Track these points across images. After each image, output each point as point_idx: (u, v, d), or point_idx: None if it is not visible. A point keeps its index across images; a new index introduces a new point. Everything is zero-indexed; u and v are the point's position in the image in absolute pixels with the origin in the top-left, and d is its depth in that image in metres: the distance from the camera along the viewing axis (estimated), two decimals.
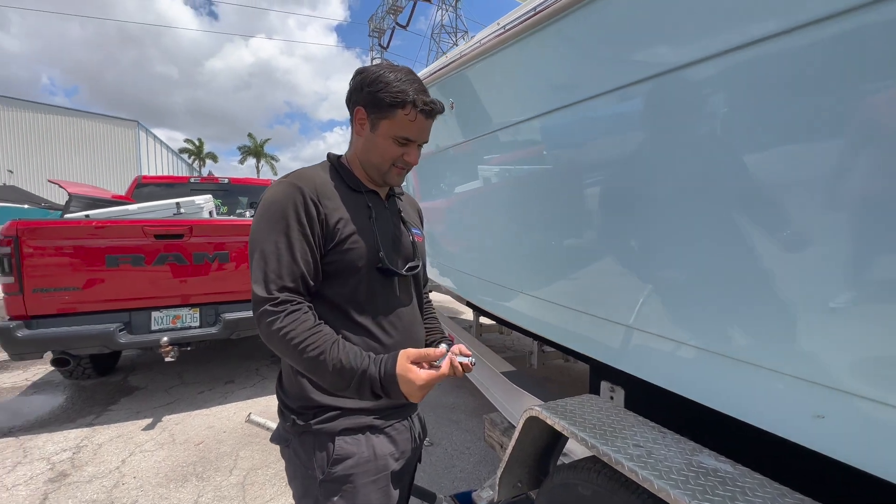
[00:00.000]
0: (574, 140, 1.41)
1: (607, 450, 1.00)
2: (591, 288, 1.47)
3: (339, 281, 0.92)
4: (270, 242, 0.85)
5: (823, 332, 0.80)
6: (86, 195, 3.39)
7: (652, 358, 1.24)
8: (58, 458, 2.43)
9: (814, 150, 0.79)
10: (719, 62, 0.92)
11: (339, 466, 0.90)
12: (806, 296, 0.82)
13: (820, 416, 0.78)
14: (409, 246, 1.05)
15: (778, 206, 0.86)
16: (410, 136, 0.93)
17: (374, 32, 35.57)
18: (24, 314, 2.67)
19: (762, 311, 0.90)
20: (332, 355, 0.82)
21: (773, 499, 0.81)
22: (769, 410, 0.90)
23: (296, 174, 0.93)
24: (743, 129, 0.90)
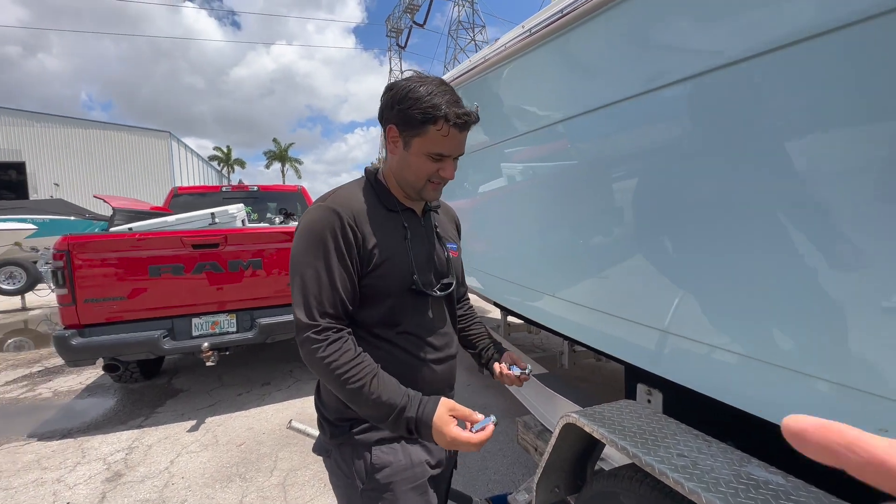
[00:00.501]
0: (603, 142, 1.39)
1: (650, 460, 0.98)
2: (624, 290, 1.44)
3: (373, 304, 0.93)
4: (311, 268, 0.86)
5: (881, 337, 0.76)
6: (128, 209, 3.57)
7: (689, 362, 1.21)
8: (112, 459, 2.58)
9: (855, 149, 0.75)
10: (751, 64, 0.88)
11: (377, 475, 0.92)
12: (859, 297, 0.78)
13: (884, 430, 0.74)
14: (443, 263, 1.05)
15: (822, 207, 0.82)
16: (444, 152, 0.91)
17: (391, 32, 35.77)
18: (78, 323, 2.84)
19: (811, 314, 0.86)
20: (371, 388, 0.83)
21: None
22: None
23: (333, 197, 0.93)
24: (779, 130, 0.87)
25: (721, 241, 1.04)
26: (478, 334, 1.25)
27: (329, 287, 0.86)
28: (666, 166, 1.19)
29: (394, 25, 34.80)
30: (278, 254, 3.26)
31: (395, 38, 35.78)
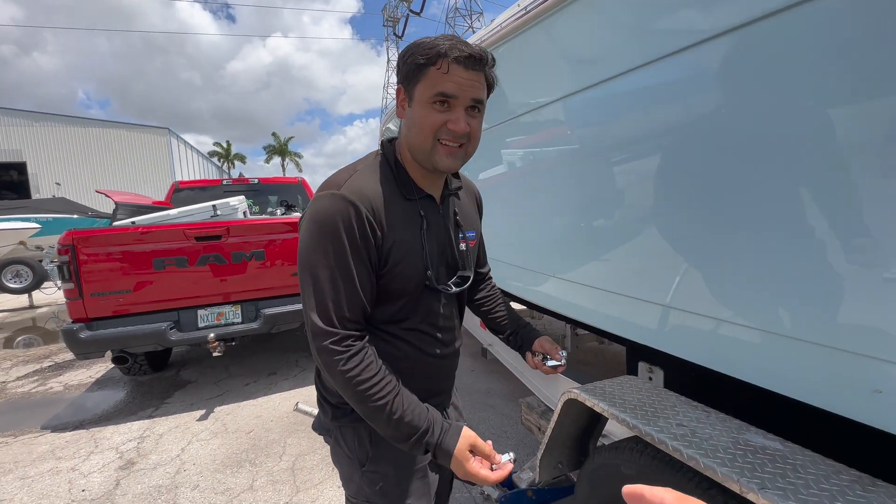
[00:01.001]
0: (601, 121, 1.38)
1: (650, 430, 1.00)
2: (624, 268, 1.45)
3: (385, 302, 0.88)
4: (325, 268, 0.78)
5: (879, 303, 0.77)
6: (130, 203, 3.59)
7: (691, 337, 1.22)
8: (125, 448, 2.63)
9: (842, 129, 0.75)
10: (766, 27, 0.88)
11: (380, 458, 0.92)
12: (858, 264, 0.79)
13: (878, 392, 0.76)
14: (456, 256, 0.97)
15: (817, 182, 0.82)
16: (446, 91, 0.77)
17: (388, 22, 35.37)
18: (85, 317, 2.88)
19: (810, 282, 0.87)
20: (394, 407, 0.79)
21: (827, 476, 0.79)
22: (822, 387, 0.88)
23: (349, 184, 0.81)
24: (782, 110, 0.86)
25: (720, 216, 1.04)
26: (503, 317, 1.20)
27: (348, 290, 0.79)
28: (662, 144, 1.19)
29: (390, 14, 34.40)
30: (281, 244, 3.28)
31: (391, 27, 35.39)
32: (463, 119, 0.80)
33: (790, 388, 0.94)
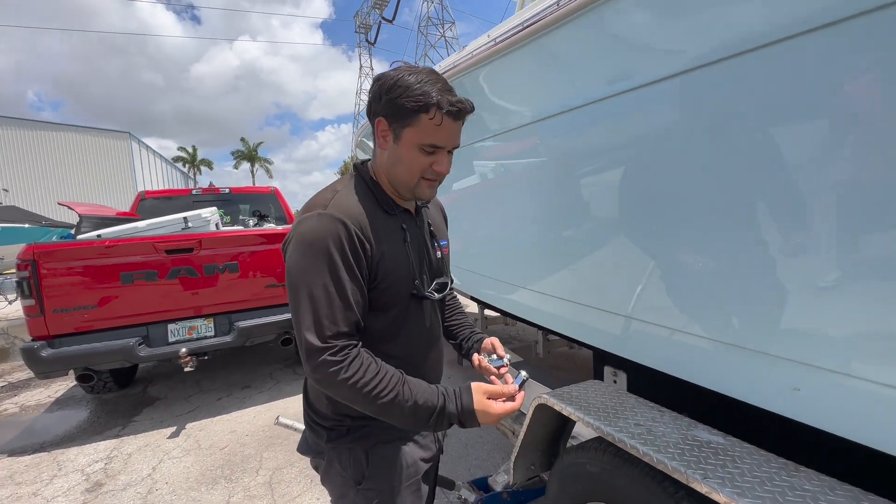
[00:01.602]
0: (567, 144, 1.50)
1: (610, 430, 1.10)
2: (590, 281, 1.57)
3: (377, 314, 0.90)
4: (318, 286, 0.80)
5: (796, 316, 0.90)
6: (95, 215, 3.47)
7: (649, 344, 1.34)
8: (91, 469, 2.55)
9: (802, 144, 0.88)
10: (698, 74, 1.01)
11: (376, 476, 0.95)
12: (779, 287, 0.92)
13: (797, 389, 0.88)
14: (435, 263, 1.03)
15: (757, 198, 0.95)
16: (438, 143, 0.84)
17: (360, 28, 35.32)
18: (47, 334, 2.77)
19: (746, 299, 1.00)
20: (405, 396, 0.81)
21: (760, 464, 0.92)
22: (753, 386, 1.00)
23: (334, 204, 0.85)
24: (730, 129, 0.99)
25: (677, 234, 1.16)
26: (459, 325, 1.25)
27: (342, 305, 0.80)
28: (627, 165, 1.30)
29: (362, 21, 34.37)
30: (254, 256, 3.26)
31: (363, 33, 35.35)
32: (448, 162, 0.89)
33: (730, 389, 1.06)
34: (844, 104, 0.78)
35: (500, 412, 0.87)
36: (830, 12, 0.75)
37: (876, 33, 0.71)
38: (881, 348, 0.78)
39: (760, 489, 0.83)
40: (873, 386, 0.79)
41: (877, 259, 0.77)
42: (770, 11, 0.85)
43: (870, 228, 0.77)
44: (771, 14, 0.85)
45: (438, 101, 0.81)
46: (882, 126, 0.73)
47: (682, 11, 1.03)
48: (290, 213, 5.10)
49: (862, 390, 0.80)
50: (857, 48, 0.74)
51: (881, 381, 0.77)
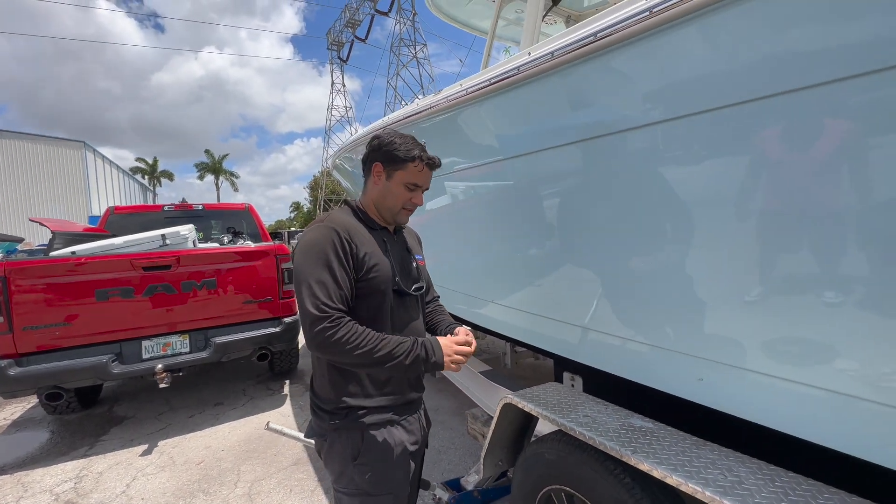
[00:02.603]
0: (524, 180, 1.74)
1: (563, 421, 1.32)
2: (549, 296, 1.80)
3: (367, 301, 1.17)
4: (316, 275, 1.07)
5: (699, 322, 1.16)
6: (68, 231, 3.44)
7: (598, 350, 1.58)
8: (60, 490, 2.51)
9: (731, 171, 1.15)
10: (637, 135, 1.28)
11: (369, 453, 1.17)
12: (687, 299, 1.18)
13: (701, 379, 1.13)
14: (414, 271, 1.34)
15: (697, 218, 1.16)
16: (419, 183, 1.23)
17: (332, 45, 35.57)
18: (14, 352, 2.73)
19: (663, 310, 1.25)
20: (385, 344, 1.07)
21: (676, 441, 1.16)
22: (670, 378, 1.26)
23: (329, 219, 1.18)
24: (658, 156, 1.26)
25: (621, 257, 1.40)
26: (440, 320, 1.46)
27: (334, 285, 1.07)
28: (572, 200, 1.56)
29: (335, 38, 34.65)
30: (231, 273, 3.33)
31: (336, 51, 35.60)
32: (421, 198, 1.27)
33: (655, 382, 1.31)
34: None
35: (458, 346, 1.19)
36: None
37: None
38: (767, 346, 1.04)
39: (675, 459, 1.07)
40: (760, 376, 1.04)
41: (760, 280, 1.04)
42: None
43: (755, 257, 1.04)
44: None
45: (421, 155, 1.21)
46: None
47: (619, 85, 1.30)
48: (264, 230, 5.15)
49: (752, 380, 1.05)
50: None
51: (766, 371, 1.03)
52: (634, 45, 1.14)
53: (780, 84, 0.88)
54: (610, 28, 1.16)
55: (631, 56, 1.16)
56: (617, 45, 1.16)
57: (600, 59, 1.24)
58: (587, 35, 1.22)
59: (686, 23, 1.01)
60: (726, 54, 0.98)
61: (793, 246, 0.95)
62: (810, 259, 0.92)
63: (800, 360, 0.96)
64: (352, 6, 30.77)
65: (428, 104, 2.03)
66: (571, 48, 1.28)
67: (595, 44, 1.20)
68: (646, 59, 1.14)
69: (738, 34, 0.94)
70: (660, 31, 1.06)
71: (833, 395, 0.90)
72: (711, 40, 1.00)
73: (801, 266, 0.94)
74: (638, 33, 1.10)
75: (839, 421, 0.91)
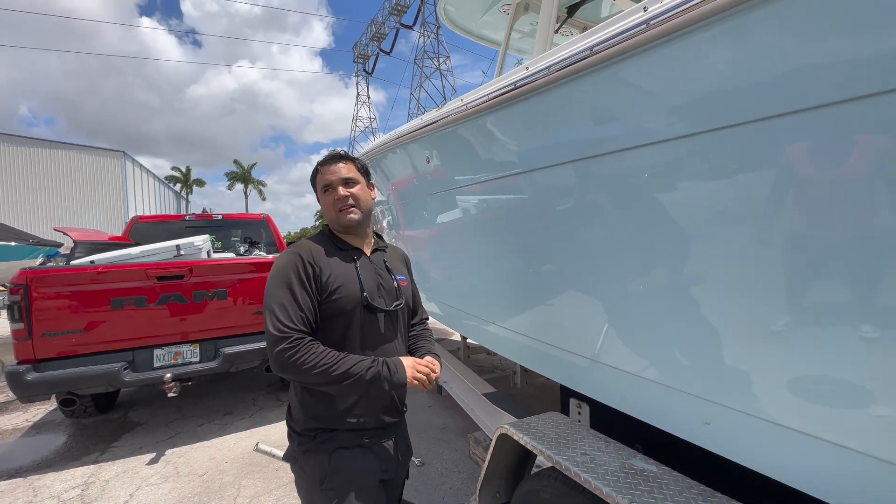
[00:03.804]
0: (535, 199, 1.65)
1: (559, 458, 1.22)
2: (557, 324, 1.69)
3: (333, 322, 1.17)
4: (279, 297, 1.11)
5: (707, 366, 1.05)
6: (89, 240, 3.57)
7: (603, 381, 1.47)
8: (67, 496, 2.55)
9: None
10: (656, 151, 1.19)
11: (336, 477, 1.13)
12: (696, 342, 1.07)
13: (707, 423, 1.02)
14: (393, 289, 1.31)
15: (690, 248, 1.08)
16: (326, 182, 1.26)
17: (358, 59, 36.47)
18: (33, 358, 2.82)
19: (674, 351, 1.14)
20: (347, 360, 1.08)
21: (682, 490, 1.05)
22: (675, 419, 1.14)
23: (296, 245, 1.23)
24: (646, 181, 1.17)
25: (630, 287, 1.29)
26: (420, 345, 1.41)
27: (294, 307, 1.10)
28: (585, 222, 1.43)
29: (361, 52, 35.52)
30: (242, 284, 3.36)
31: (362, 63, 36.46)
32: (343, 192, 1.25)
33: (660, 421, 1.20)
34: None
35: (421, 366, 1.19)
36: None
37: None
38: (780, 393, 0.93)
39: None
40: (772, 426, 0.93)
41: (778, 322, 0.93)
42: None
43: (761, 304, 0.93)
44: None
45: (318, 163, 1.31)
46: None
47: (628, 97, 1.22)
48: (281, 240, 5.22)
49: (762, 428, 0.94)
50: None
51: (779, 421, 0.91)
52: (640, 56, 1.06)
53: (813, 97, 0.78)
54: (607, 41, 1.09)
55: (638, 67, 1.09)
56: (614, 58, 1.09)
57: (593, 74, 1.16)
58: (583, 49, 1.15)
59: (704, 28, 0.92)
60: (742, 65, 0.89)
61: (818, 286, 0.83)
62: (839, 298, 0.81)
63: (818, 412, 0.84)
64: (378, 20, 31.54)
65: (430, 118, 1.99)
66: (567, 63, 1.21)
67: (591, 58, 1.13)
68: (653, 70, 1.06)
69: (753, 43, 0.86)
70: (672, 39, 0.98)
71: (855, 456, 0.78)
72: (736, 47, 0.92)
73: (826, 308, 0.83)
74: (643, 43, 1.03)
75: (862, 484, 0.79)
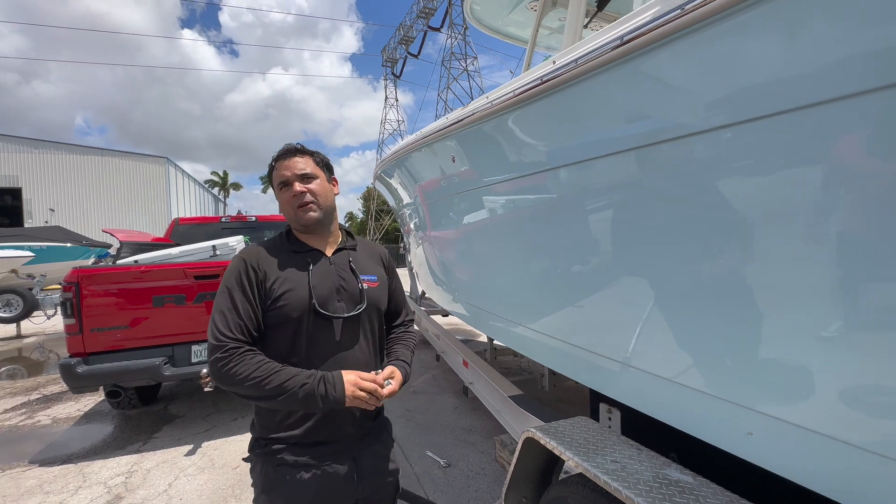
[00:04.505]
0: (567, 196, 1.58)
1: (588, 465, 1.18)
2: (584, 326, 1.63)
3: (280, 330, 1.10)
4: (220, 306, 1.06)
5: (753, 370, 0.98)
6: (134, 241, 3.77)
7: (635, 386, 1.41)
8: (113, 483, 2.70)
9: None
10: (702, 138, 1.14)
11: (275, 492, 1.08)
12: (741, 346, 1.00)
13: (750, 434, 0.96)
14: (355, 292, 1.19)
15: (735, 243, 1.00)
16: (282, 178, 1.16)
17: (387, 63, 36.97)
18: (83, 351, 3.00)
19: (712, 355, 1.07)
20: (279, 379, 0.99)
21: None
22: (714, 428, 1.08)
23: (245, 249, 1.17)
24: (709, 190, 1.11)
25: (667, 285, 1.22)
26: (395, 350, 1.31)
27: (234, 315, 1.04)
28: (619, 220, 1.36)
29: (389, 56, 36.01)
30: None
31: (390, 67, 36.95)
32: (301, 189, 1.15)
33: (697, 430, 1.14)
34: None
35: (364, 383, 1.05)
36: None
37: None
38: (833, 402, 0.86)
39: None
40: (823, 438, 0.86)
41: (834, 324, 0.86)
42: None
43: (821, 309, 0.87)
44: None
45: (273, 157, 1.20)
46: None
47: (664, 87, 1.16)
48: None
49: (811, 439, 0.87)
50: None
51: (831, 434, 0.84)
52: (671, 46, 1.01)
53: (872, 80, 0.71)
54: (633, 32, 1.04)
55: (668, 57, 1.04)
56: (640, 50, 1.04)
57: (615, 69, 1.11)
58: (613, 39, 1.11)
59: (748, 7, 0.86)
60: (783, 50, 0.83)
61: (877, 288, 0.76)
62: None
63: (875, 425, 0.77)
64: (406, 24, 31.88)
65: (455, 117, 1.98)
66: (591, 56, 1.16)
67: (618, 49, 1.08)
68: (690, 59, 1.00)
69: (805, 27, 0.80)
70: (711, 23, 0.93)
71: None
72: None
73: (884, 312, 0.75)
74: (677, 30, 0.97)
75: None
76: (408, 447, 3.07)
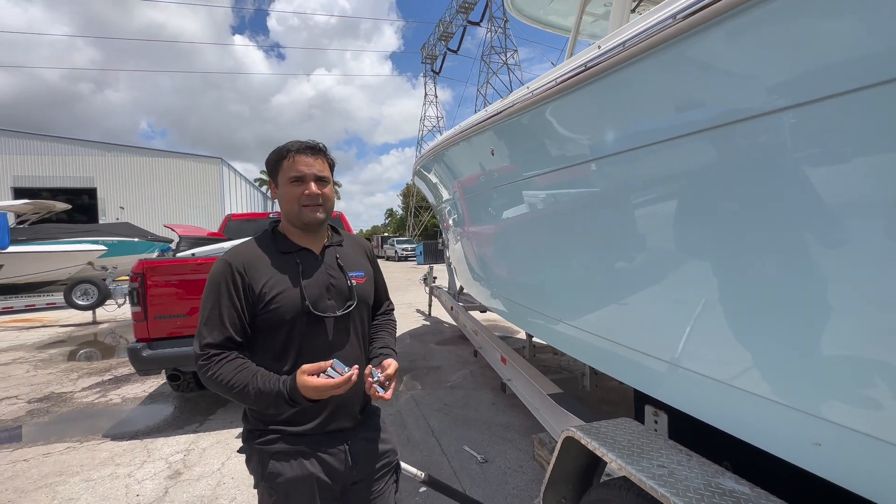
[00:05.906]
0: (613, 189, 1.51)
1: (631, 469, 1.13)
2: (630, 324, 1.56)
3: (273, 332, 1.10)
4: (206, 310, 1.07)
5: (822, 375, 0.89)
6: (191, 236, 4.04)
7: (682, 388, 1.34)
8: (173, 459, 2.91)
9: None
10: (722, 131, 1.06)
11: (271, 479, 1.09)
12: (807, 353, 0.91)
13: (818, 444, 0.87)
14: (344, 289, 1.20)
15: (801, 232, 0.93)
16: (298, 172, 1.12)
17: (426, 59, 37.19)
18: (147, 337, 3.25)
19: (777, 357, 0.99)
20: (253, 386, 1.01)
21: None
22: (777, 437, 0.99)
23: (230, 252, 1.14)
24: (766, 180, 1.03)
25: (723, 288, 1.14)
26: (378, 338, 1.31)
27: (218, 322, 1.05)
28: (671, 212, 1.28)
29: (429, 52, 36.18)
30: None
31: (429, 64, 37.13)
32: (315, 188, 1.14)
33: (757, 438, 1.05)
34: None
35: (313, 384, 0.99)
36: None
37: None
38: None
39: None
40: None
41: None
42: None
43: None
44: None
45: (290, 147, 1.14)
46: None
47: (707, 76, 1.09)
48: None
49: (883, 451, 0.78)
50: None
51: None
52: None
53: None
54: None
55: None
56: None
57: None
58: (665, 18, 1.04)
59: None
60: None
61: None
62: None
63: None
64: (445, 20, 31.87)
65: (494, 110, 1.95)
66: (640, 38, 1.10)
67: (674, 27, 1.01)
68: (748, 37, 0.92)
69: None
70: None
71: None
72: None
73: None
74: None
75: None
76: (445, 441, 3.09)
